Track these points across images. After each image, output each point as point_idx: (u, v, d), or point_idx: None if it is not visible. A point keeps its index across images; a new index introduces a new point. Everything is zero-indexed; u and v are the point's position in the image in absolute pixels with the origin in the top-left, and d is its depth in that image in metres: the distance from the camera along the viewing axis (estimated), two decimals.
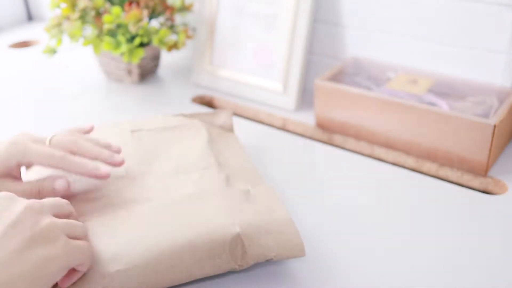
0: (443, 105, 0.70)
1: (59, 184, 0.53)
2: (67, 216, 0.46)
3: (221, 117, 0.71)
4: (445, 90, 0.75)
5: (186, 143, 0.64)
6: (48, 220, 0.41)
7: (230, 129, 0.71)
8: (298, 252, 0.49)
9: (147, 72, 0.96)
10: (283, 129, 0.82)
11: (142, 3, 0.86)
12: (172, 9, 0.90)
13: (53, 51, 0.87)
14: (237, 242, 0.48)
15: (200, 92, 0.91)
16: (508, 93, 0.71)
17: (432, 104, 0.70)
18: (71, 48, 0.98)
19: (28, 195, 0.51)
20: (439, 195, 0.63)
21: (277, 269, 0.52)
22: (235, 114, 0.86)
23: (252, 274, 0.51)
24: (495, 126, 0.63)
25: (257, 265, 0.51)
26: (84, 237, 0.45)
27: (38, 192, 0.52)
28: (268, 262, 0.51)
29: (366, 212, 0.60)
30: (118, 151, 0.57)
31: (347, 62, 0.82)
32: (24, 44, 1.17)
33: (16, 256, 0.37)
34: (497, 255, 0.53)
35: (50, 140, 0.54)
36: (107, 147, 0.57)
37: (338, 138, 0.77)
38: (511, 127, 0.71)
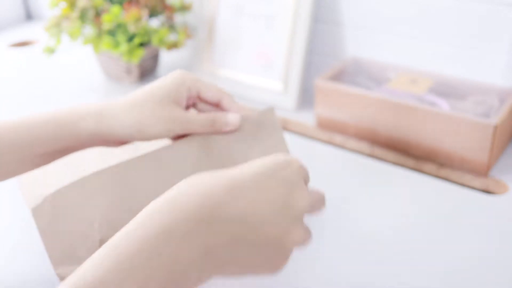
0: (444, 105, 0.70)
1: (232, 118, 0.52)
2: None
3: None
4: (445, 90, 0.75)
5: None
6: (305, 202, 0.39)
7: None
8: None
9: (147, 72, 0.96)
10: (284, 128, 0.82)
11: (141, 3, 0.85)
12: (171, 9, 0.90)
13: (52, 51, 0.87)
14: None
15: None
16: (508, 93, 0.71)
17: (433, 104, 0.70)
18: (71, 48, 0.98)
19: (201, 126, 0.50)
20: (439, 195, 0.63)
21: None
22: None
23: None
24: (496, 126, 0.63)
25: None
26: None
27: (211, 124, 0.51)
28: None
29: (366, 212, 0.60)
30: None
31: (347, 62, 0.82)
32: (23, 44, 1.17)
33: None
34: (498, 255, 0.53)
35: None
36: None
37: (338, 138, 0.77)
38: None
